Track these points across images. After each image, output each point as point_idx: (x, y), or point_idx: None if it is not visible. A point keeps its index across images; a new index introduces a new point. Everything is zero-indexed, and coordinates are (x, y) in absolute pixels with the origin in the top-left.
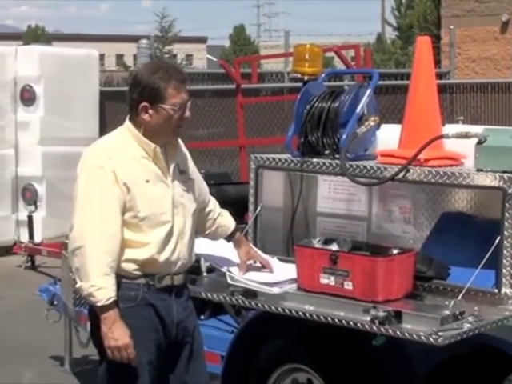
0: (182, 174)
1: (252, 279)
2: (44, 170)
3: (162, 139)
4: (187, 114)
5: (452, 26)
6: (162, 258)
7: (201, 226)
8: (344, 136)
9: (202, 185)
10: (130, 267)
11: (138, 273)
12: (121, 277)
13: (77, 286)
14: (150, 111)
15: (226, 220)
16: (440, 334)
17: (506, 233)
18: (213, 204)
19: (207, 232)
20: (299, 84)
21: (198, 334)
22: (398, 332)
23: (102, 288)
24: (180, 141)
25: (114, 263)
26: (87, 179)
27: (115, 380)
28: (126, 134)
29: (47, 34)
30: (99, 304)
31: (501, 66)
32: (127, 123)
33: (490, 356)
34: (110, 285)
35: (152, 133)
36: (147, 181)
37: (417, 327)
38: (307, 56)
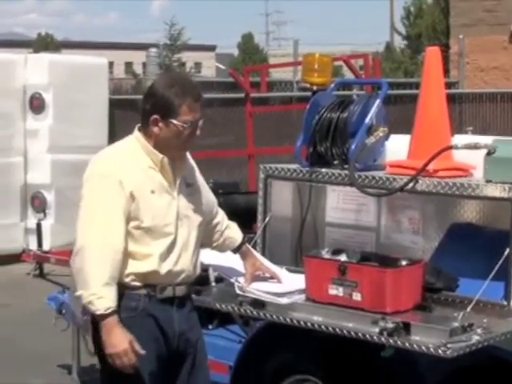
0: (188, 187)
1: (260, 289)
2: (53, 177)
3: (170, 152)
4: (198, 132)
5: (461, 36)
6: (164, 269)
7: (208, 238)
8: (353, 146)
9: (209, 197)
10: (131, 278)
11: (139, 283)
12: (122, 287)
13: (77, 293)
14: (161, 124)
15: (234, 232)
16: (449, 346)
17: None
18: (220, 216)
19: (214, 244)
20: (308, 93)
21: (201, 345)
22: (407, 344)
23: (102, 297)
24: (188, 153)
25: (116, 273)
26: (92, 187)
27: None
28: (134, 143)
29: (56, 42)
30: (98, 313)
31: (510, 75)
32: (136, 133)
33: (499, 368)
34: (110, 294)
35: (161, 145)
36: (152, 191)
37: (425, 339)
38: (316, 66)
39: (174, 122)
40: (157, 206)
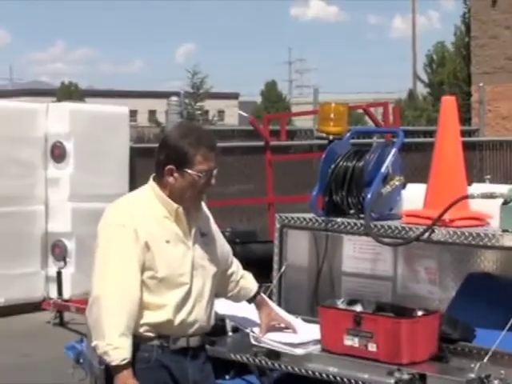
0: (203, 237)
1: (275, 340)
2: (73, 226)
3: (185, 202)
4: (213, 181)
5: (481, 84)
6: (178, 320)
7: (223, 288)
8: (369, 195)
9: (224, 246)
10: (144, 329)
11: (153, 334)
12: (134, 337)
13: (92, 344)
14: (176, 174)
15: (249, 283)
16: None
17: None
18: (236, 266)
19: (229, 294)
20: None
21: None
22: None
23: (117, 348)
24: (202, 202)
25: (132, 323)
26: (108, 236)
27: None
28: (149, 192)
29: (80, 91)
30: (113, 364)
31: None
32: (151, 182)
33: None
34: (126, 345)
35: (176, 195)
36: (167, 241)
37: None
38: (332, 115)
39: (190, 171)
40: (172, 256)
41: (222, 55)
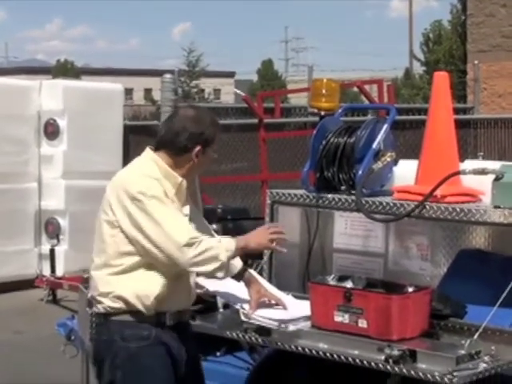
0: (186, 216)
1: (265, 316)
2: (67, 203)
3: (188, 179)
4: (215, 156)
5: (476, 61)
6: (178, 292)
7: None
8: (360, 172)
9: (202, 224)
10: (145, 303)
11: (152, 310)
12: (134, 315)
13: (219, 264)
14: (201, 154)
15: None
16: (455, 374)
17: None
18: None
19: None
20: None
21: (202, 372)
22: (413, 372)
23: (228, 250)
24: None
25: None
26: (146, 205)
27: None
28: (152, 165)
29: (76, 69)
30: (236, 251)
31: None
32: (153, 155)
33: None
34: (227, 244)
35: (192, 174)
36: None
37: (432, 367)
38: (324, 91)
39: (211, 151)
40: None
41: (219, 34)
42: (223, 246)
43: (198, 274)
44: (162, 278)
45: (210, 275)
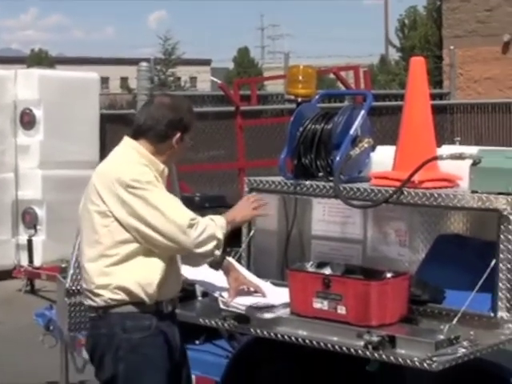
0: None
1: (244, 304)
2: (44, 193)
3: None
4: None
5: (452, 47)
6: (172, 279)
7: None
8: (337, 158)
9: None
10: (148, 291)
11: (153, 299)
12: (136, 305)
13: (214, 244)
14: (180, 141)
15: None
16: (434, 359)
17: (501, 255)
18: None
19: (186, 259)
20: None
21: (188, 360)
22: (392, 357)
23: (222, 227)
24: None
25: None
26: (143, 190)
27: None
28: (134, 153)
29: (50, 58)
30: (227, 226)
31: (503, 86)
32: (134, 143)
33: (485, 381)
34: (219, 221)
35: (170, 161)
36: None
37: (411, 352)
38: (300, 77)
39: (187, 138)
40: None
41: (195, 22)
42: (217, 223)
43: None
44: (159, 265)
45: (210, 255)
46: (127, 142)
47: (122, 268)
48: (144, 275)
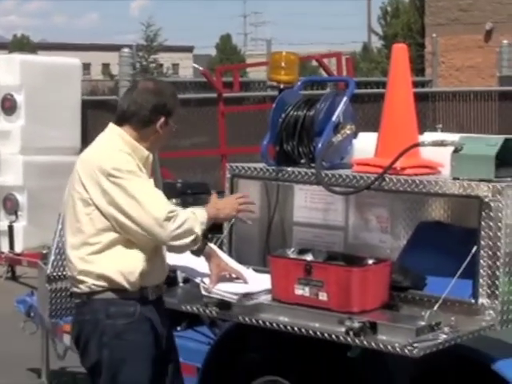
0: None
1: (226, 290)
2: (25, 179)
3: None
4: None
5: (434, 35)
6: (157, 266)
7: None
8: (320, 145)
9: None
10: (130, 279)
11: (136, 287)
12: (118, 292)
13: (193, 238)
14: (164, 126)
15: None
16: (415, 345)
17: (482, 242)
18: None
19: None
20: None
21: (176, 347)
22: (373, 343)
23: (202, 223)
24: None
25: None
26: (122, 179)
27: None
28: (119, 140)
29: (33, 43)
30: (208, 221)
31: (485, 74)
32: (118, 130)
33: (467, 367)
34: (200, 215)
35: (154, 146)
36: None
37: (392, 338)
38: (283, 64)
39: (171, 122)
40: None
41: (177, 8)
42: (197, 218)
43: (172, 249)
44: (142, 253)
45: (186, 248)
46: (112, 128)
47: (103, 256)
48: (126, 263)
